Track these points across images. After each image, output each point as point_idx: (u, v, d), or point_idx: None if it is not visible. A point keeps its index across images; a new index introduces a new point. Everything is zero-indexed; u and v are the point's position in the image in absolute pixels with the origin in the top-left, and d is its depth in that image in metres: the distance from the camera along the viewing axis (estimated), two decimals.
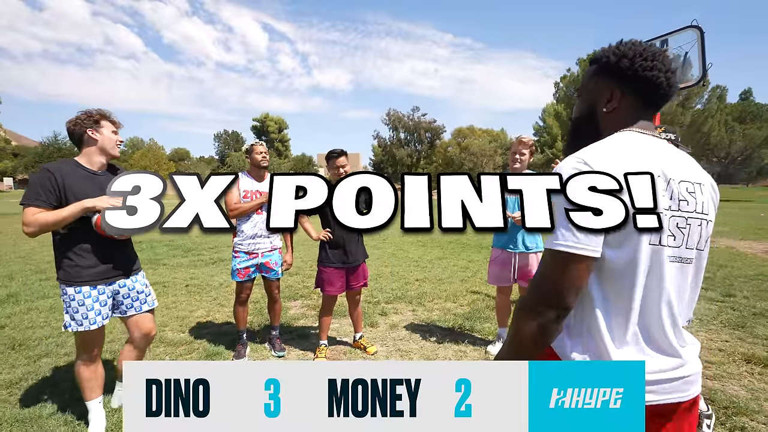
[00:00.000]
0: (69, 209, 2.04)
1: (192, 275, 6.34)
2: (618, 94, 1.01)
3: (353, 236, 3.28)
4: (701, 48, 3.62)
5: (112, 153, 2.27)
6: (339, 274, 3.28)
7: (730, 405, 2.49)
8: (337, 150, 3.25)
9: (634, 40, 1.02)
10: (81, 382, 2.27)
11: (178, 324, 4.12)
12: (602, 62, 1.04)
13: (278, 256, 3.40)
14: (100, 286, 2.22)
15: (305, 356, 3.34)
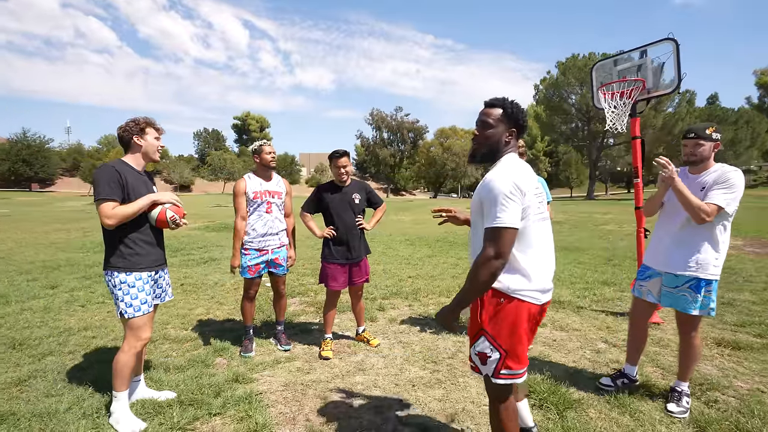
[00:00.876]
0: (140, 202, 2.32)
1: (185, 275, 6.34)
2: (513, 131, 1.73)
3: (356, 233, 3.43)
4: (677, 58, 3.93)
5: (153, 157, 2.51)
6: (342, 269, 3.41)
7: (704, 382, 2.76)
8: (339, 151, 3.38)
9: (518, 103, 1.75)
10: (122, 370, 2.35)
11: (179, 322, 4.17)
12: (507, 111, 1.72)
13: (285, 252, 3.50)
14: (151, 274, 2.46)
15: (310, 350, 3.47)
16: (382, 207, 3.68)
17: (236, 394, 2.68)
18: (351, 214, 3.41)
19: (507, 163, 1.69)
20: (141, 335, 2.39)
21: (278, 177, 3.53)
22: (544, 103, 45.90)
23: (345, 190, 3.44)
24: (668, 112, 40.05)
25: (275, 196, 3.40)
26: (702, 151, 2.46)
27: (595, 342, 3.57)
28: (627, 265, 6.82)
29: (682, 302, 2.43)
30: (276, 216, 3.41)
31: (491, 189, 1.57)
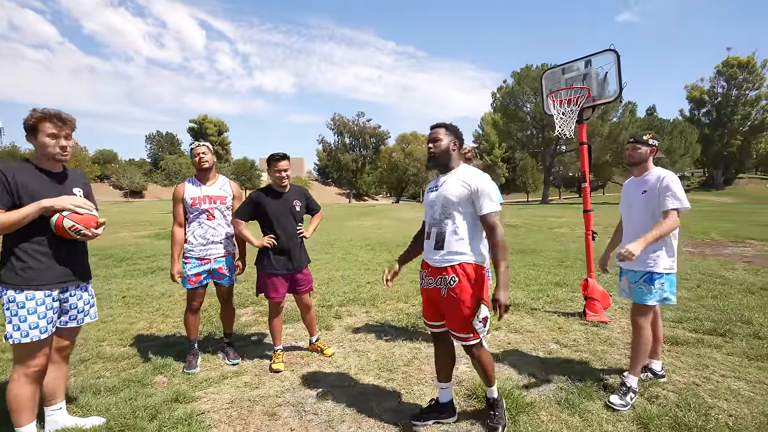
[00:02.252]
0: (27, 209, 1.95)
1: (129, 286, 5.89)
2: (458, 143, 2.32)
3: (297, 241, 3.25)
4: (617, 69, 4.14)
5: (53, 159, 2.10)
6: (283, 280, 3.20)
7: (646, 379, 2.87)
8: (278, 154, 3.14)
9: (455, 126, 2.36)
10: (17, 403, 2.04)
11: (117, 338, 3.84)
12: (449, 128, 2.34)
13: (231, 261, 3.29)
14: (54, 292, 2.09)
15: (261, 363, 3.28)
16: (320, 213, 3.51)
17: (174, 415, 2.47)
18: (292, 222, 3.20)
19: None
20: (31, 363, 2.06)
21: (224, 180, 3.32)
22: (501, 111, 47.71)
23: (285, 196, 3.21)
24: (613, 121, 42.90)
25: (217, 201, 3.18)
26: (639, 153, 2.73)
27: (547, 343, 3.64)
28: (578, 267, 7.11)
29: (639, 294, 2.64)
30: (219, 223, 3.20)
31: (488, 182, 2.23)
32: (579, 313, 4.39)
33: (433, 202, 2.31)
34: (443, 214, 2.23)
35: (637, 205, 2.72)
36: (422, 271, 2.37)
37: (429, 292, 2.32)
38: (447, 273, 2.19)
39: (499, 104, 47.67)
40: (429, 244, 2.30)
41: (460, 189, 2.19)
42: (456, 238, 2.19)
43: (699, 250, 8.95)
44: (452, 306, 2.18)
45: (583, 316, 4.28)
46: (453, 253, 2.18)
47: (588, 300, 4.30)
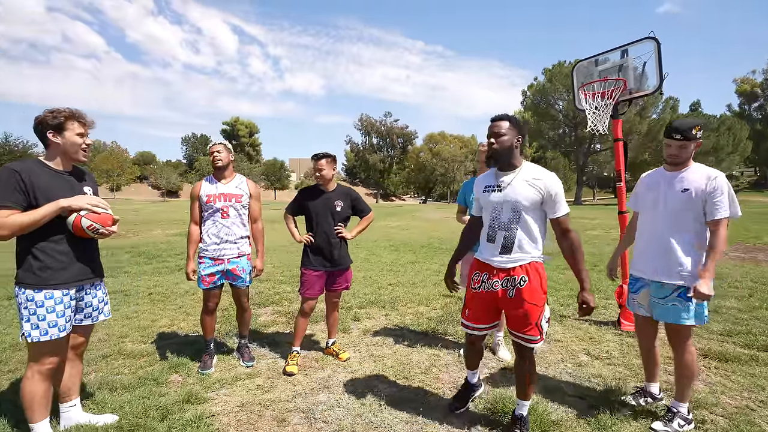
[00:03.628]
0: (45, 209, 1.96)
1: (156, 283, 6.04)
2: (521, 139, 2.15)
3: (335, 241, 3.21)
4: (658, 58, 3.81)
5: (75, 158, 2.15)
6: (319, 277, 3.20)
7: (693, 399, 2.58)
8: (318, 153, 3.23)
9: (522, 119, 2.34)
10: (32, 400, 2.05)
11: (139, 335, 3.89)
12: (513, 122, 2.14)
13: (246, 262, 3.19)
14: (71, 291, 2.11)
15: (275, 365, 3.22)
16: (369, 216, 3.45)
17: (184, 417, 2.43)
18: (330, 221, 3.19)
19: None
20: (45, 361, 2.07)
21: (241, 179, 3.25)
22: (531, 109, 46.37)
23: (328, 195, 3.22)
24: (653, 118, 40.72)
25: (233, 199, 3.11)
26: (688, 152, 2.29)
27: (577, 354, 3.38)
28: None
29: (674, 313, 2.25)
30: (234, 222, 3.12)
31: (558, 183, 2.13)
32: (613, 322, 4.08)
33: (497, 204, 2.14)
34: (513, 219, 2.10)
35: (672, 204, 2.29)
36: (479, 274, 2.24)
37: (490, 295, 2.19)
38: (516, 273, 2.10)
39: (530, 102, 46.34)
40: (493, 247, 2.17)
41: (531, 192, 2.06)
42: (527, 240, 2.10)
43: (751, 256, 8.26)
44: (520, 307, 2.09)
45: (617, 325, 3.97)
46: (523, 254, 2.10)
47: (623, 308, 3.98)
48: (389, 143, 66.06)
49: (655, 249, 2.34)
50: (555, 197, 2.06)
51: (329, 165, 3.22)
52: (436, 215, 22.70)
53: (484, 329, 2.30)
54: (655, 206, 2.38)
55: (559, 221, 2.08)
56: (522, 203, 2.06)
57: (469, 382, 2.57)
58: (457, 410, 2.49)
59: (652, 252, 2.36)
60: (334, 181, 3.31)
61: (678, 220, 2.27)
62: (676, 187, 2.29)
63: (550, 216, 2.10)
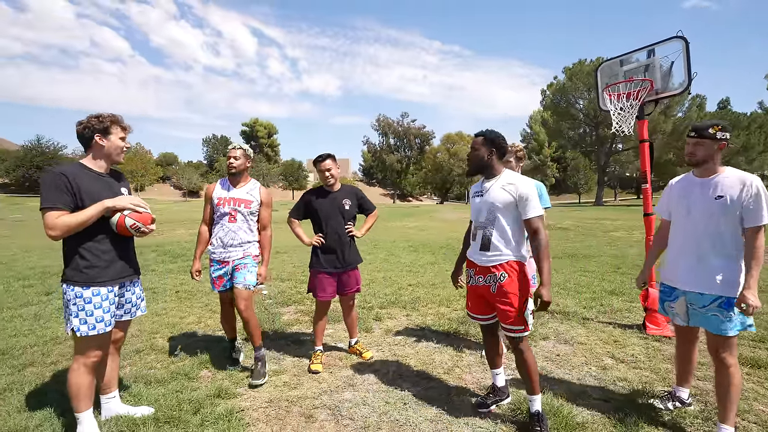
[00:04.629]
0: (91, 210, 2.09)
1: (182, 281, 6.24)
2: (495, 152, 2.38)
3: (346, 241, 3.27)
4: (686, 58, 3.74)
5: (116, 159, 2.30)
6: (331, 279, 3.25)
7: (674, 408, 2.52)
8: (322, 154, 3.21)
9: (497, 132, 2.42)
10: (78, 390, 2.18)
11: (168, 331, 4.04)
12: (488, 138, 2.37)
13: (252, 262, 3.07)
14: (115, 288, 2.26)
15: (300, 363, 3.31)
16: (374, 213, 3.50)
17: (216, 411, 2.53)
18: (341, 221, 3.24)
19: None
20: (91, 354, 2.19)
21: (254, 185, 3.18)
22: (551, 109, 45.54)
23: (334, 195, 3.26)
24: (678, 116, 39.43)
25: (241, 204, 3.05)
26: (702, 150, 2.23)
27: (601, 357, 3.35)
28: (636, 274, 6.56)
29: (715, 323, 2.13)
30: (240, 227, 3.05)
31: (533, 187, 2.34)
32: (638, 326, 4.02)
33: (479, 206, 2.42)
34: (489, 219, 2.35)
35: (706, 212, 2.19)
36: (469, 270, 2.51)
37: (478, 290, 2.43)
38: (496, 270, 2.31)
39: (549, 101, 45.49)
40: (475, 245, 2.43)
41: (505, 195, 2.30)
42: (501, 240, 2.32)
43: None
44: (503, 300, 2.28)
45: (642, 329, 3.91)
46: (499, 253, 2.31)
47: (648, 311, 3.92)
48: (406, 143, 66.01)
49: (689, 258, 2.25)
50: (524, 198, 2.25)
51: (335, 164, 3.24)
52: (453, 216, 22.59)
53: (486, 318, 2.50)
54: (688, 214, 2.29)
55: (529, 222, 2.26)
56: (496, 204, 2.31)
57: (496, 386, 2.64)
58: (480, 408, 2.56)
59: (687, 262, 2.27)
60: (339, 180, 3.33)
61: (713, 228, 2.17)
62: (709, 193, 2.20)
63: (522, 217, 2.28)
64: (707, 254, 2.18)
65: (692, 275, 2.23)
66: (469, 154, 2.46)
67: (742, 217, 2.11)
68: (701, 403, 2.61)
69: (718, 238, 2.16)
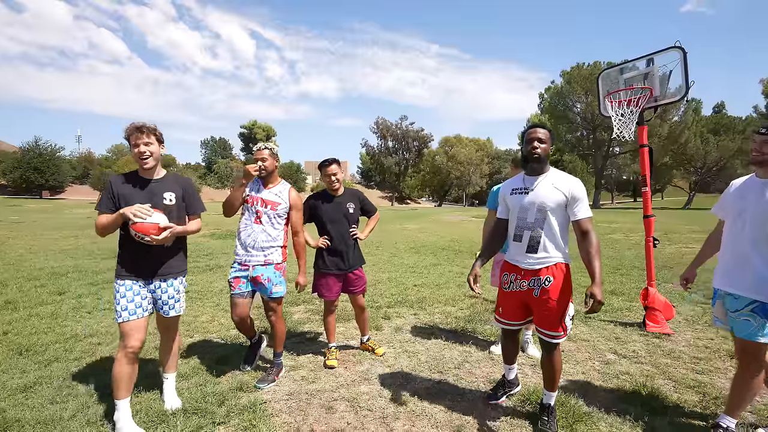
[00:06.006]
0: (113, 215, 2.30)
1: (191, 282, 6.34)
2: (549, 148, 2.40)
3: (350, 243, 3.37)
4: (684, 66, 3.91)
5: (141, 166, 2.42)
6: (336, 279, 3.34)
7: (719, 396, 2.70)
8: (328, 159, 3.29)
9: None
10: (115, 378, 2.33)
11: (184, 329, 4.16)
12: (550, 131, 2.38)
13: (274, 272, 2.99)
14: (140, 283, 2.42)
15: (315, 359, 3.43)
16: (376, 216, 3.61)
17: (240, 403, 2.66)
18: (345, 224, 3.33)
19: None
20: (125, 343, 2.34)
21: (284, 186, 3.10)
22: (549, 112, 45.94)
23: (338, 200, 3.34)
24: (674, 120, 39.86)
25: (268, 206, 2.99)
26: None
27: (604, 353, 3.50)
28: (635, 275, 6.73)
29: (745, 328, 2.09)
30: (264, 229, 2.98)
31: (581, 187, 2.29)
32: (638, 324, 4.18)
33: (525, 206, 2.31)
34: (539, 219, 2.27)
35: (760, 214, 2.09)
36: (507, 274, 2.42)
37: (517, 295, 2.36)
38: (542, 274, 2.26)
39: (547, 105, 45.94)
40: (520, 247, 2.33)
41: (556, 194, 2.24)
42: (551, 242, 2.26)
43: None
44: (546, 305, 2.25)
45: (642, 326, 4.06)
46: (547, 255, 2.26)
47: (648, 310, 4.08)
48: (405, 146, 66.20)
49: (736, 260, 2.19)
50: (577, 199, 2.22)
51: (340, 168, 3.34)
52: (452, 218, 22.75)
53: (518, 324, 2.47)
54: (741, 215, 2.19)
55: (580, 223, 2.23)
56: (548, 204, 2.23)
57: (506, 378, 2.72)
58: (490, 400, 2.67)
59: (732, 263, 2.21)
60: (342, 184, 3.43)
61: (765, 231, 2.07)
62: (766, 195, 2.09)
63: (572, 218, 2.25)
64: (753, 258, 2.09)
65: (734, 277, 2.18)
66: (536, 144, 2.28)
67: None
68: (699, 394, 2.76)
69: (762, 239, 2.07)
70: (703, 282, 6.12)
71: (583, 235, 2.22)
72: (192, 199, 2.59)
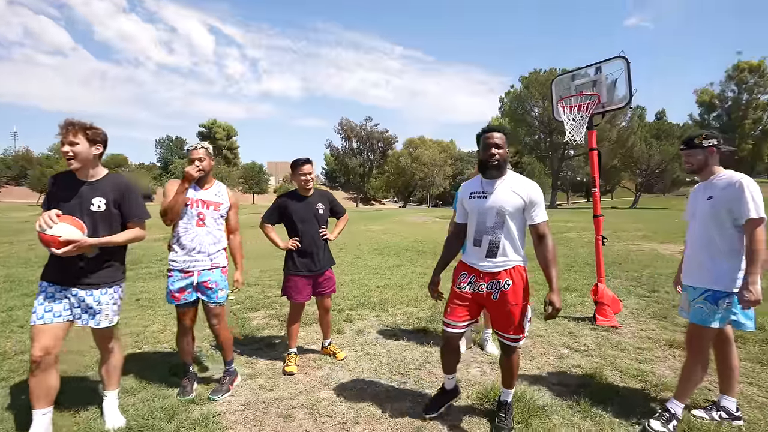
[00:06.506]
0: None
1: (141, 289, 5.99)
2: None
3: (320, 244, 3.34)
4: (628, 75, 4.15)
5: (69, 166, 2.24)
6: (306, 281, 3.30)
7: (659, 383, 2.88)
8: (302, 159, 3.27)
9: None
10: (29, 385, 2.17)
11: (132, 340, 3.91)
12: (507, 134, 2.39)
13: (220, 276, 2.86)
14: (58, 287, 2.26)
15: (274, 366, 3.33)
16: (345, 217, 3.61)
17: (192, 417, 2.52)
18: (315, 225, 3.31)
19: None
20: (31, 350, 2.15)
21: (220, 186, 2.96)
22: (509, 115, 47.65)
23: (309, 200, 3.32)
24: (622, 126, 42.58)
25: (211, 207, 2.84)
26: (698, 160, 2.41)
27: (558, 348, 3.65)
28: (587, 271, 7.09)
29: (699, 314, 2.29)
30: (210, 231, 2.82)
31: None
32: (589, 318, 4.39)
33: (484, 210, 2.28)
34: (498, 224, 2.26)
35: (702, 212, 2.37)
36: (466, 275, 2.38)
37: (475, 296, 2.34)
38: (501, 277, 2.26)
39: (507, 108, 47.64)
40: (479, 251, 2.31)
41: (515, 198, 2.23)
42: (510, 245, 2.26)
43: None
44: (504, 308, 2.25)
45: (593, 321, 4.28)
46: (506, 259, 2.27)
47: (598, 305, 4.29)
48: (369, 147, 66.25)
49: (692, 257, 2.43)
50: (534, 203, 2.23)
51: (313, 168, 3.33)
52: (416, 219, 23.01)
53: (463, 327, 2.38)
54: (693, 216, 2.47)
55: (537, 227, 2.25)
56: (506, 208, 2.22)
57: (446, 389, 2.60)
58: (428, 414, 2.51)
59: (690, 259, 2.45)
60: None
61: (707, 227, 2.33)
62: (705, 195, 2.37)
63: (529, 222, 2.27)
64: (703, 252, 2.34)
65: (691, 271, 2.42)
66: (494, 151, 2.24)
67: (735, 216, 2.21)
68: (642, 382, 2.93)
69: (710, 237, 2.30)
70: (647, 277, 6.59)
71: (540, 239, 2.25)
72: (131, 205, 2.35)
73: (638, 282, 6.35)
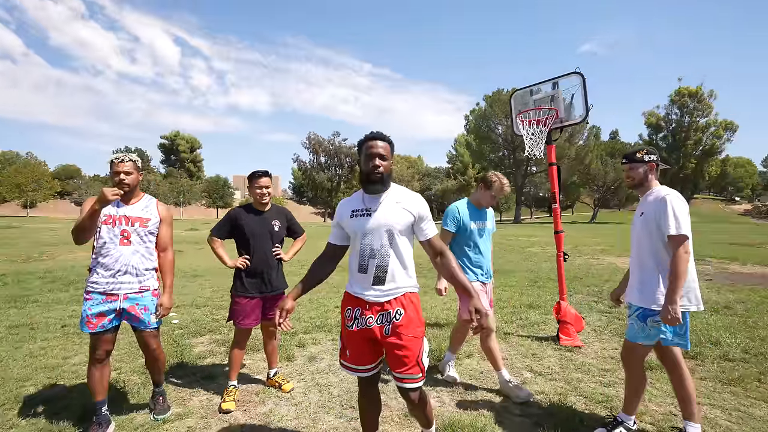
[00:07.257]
0: None
1: (72, 313, 5.37)
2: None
3: (273, 264, 3.04)
4: (584, 91, 4.16)
5: None
6: (255, 304, 2.99)
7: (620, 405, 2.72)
8: (259, 171, 3.03)
9: None
10: None
11: (45, 375, 3.38)
12: (391, 142, 2.01)
13: (151, 299, 2.61)
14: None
15: (210, 402, 2.94)
16: (303, 237, 3.34)
17: None
18: (269, 242, 3.03)
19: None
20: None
21: (149, 200, 2.71)
22: (474, 133, 49.09)
23: (265, 215, 3.05)
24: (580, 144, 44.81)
25: (137, 223, 2.57)
26: (638, 173, 2.40)
27: (521, 371, 3.46)
28: (551, 287, 7.08)
29: (630, 330, 2.35)
30: (137, 250, 2.57)
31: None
32: (552, 337, 4.26)
33: (368, 230, 1.91)
34: (385, 245, 1.90)
35: (636, 229, 2.39)
36: (351, 309, 1.97)
37: (365, 333, 1.93)
38: (390, 307, 1.89)
39: (472, 126, 49.06)
40: (365, 278, 1.92)
41: (403, 215, 1.91)
42: (400, 269, 1.91)
43: None
44: (399, 344, 1.87)
45: (556, 340, 4.15)
46: (395, 286, 1.91)
47: (561, 323, 4.18)
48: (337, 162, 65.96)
49: (631, 273, 2.45)
50: (424, 217, 1.94)
51: (271, 182, 3.09)
52: None
53: (370, 369, 2.00)
54: (632, 233, 2.47)
55: (432, 242, 1.95)
56: (395, 227, 1.89)
57: None
58: None
59: (631, 278, 2.46)
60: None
61: (640, 243, 2.34)
62: (639, 211, 2.40)
63: (422, 238, 1.97)
64: (635, 268, 2.38)
65: (629, 289, 2.44)
66: (378, 162, 1.90)
67: (663, 231, 2.19)
68: (607, 409, 2.78)
69: (642, 254, 2.32)
70: (607, 292, 6.65)
71: (438, 254, 1.95)
72: None
73: (599, 297, 6.38)
